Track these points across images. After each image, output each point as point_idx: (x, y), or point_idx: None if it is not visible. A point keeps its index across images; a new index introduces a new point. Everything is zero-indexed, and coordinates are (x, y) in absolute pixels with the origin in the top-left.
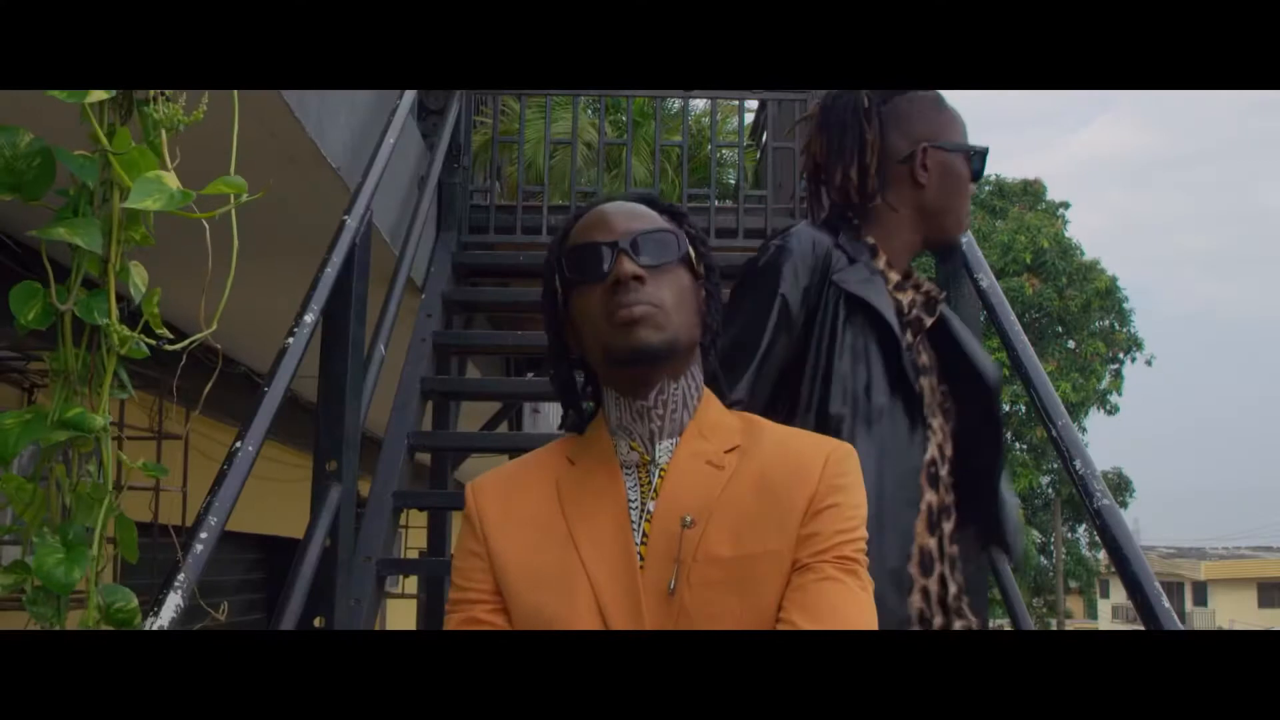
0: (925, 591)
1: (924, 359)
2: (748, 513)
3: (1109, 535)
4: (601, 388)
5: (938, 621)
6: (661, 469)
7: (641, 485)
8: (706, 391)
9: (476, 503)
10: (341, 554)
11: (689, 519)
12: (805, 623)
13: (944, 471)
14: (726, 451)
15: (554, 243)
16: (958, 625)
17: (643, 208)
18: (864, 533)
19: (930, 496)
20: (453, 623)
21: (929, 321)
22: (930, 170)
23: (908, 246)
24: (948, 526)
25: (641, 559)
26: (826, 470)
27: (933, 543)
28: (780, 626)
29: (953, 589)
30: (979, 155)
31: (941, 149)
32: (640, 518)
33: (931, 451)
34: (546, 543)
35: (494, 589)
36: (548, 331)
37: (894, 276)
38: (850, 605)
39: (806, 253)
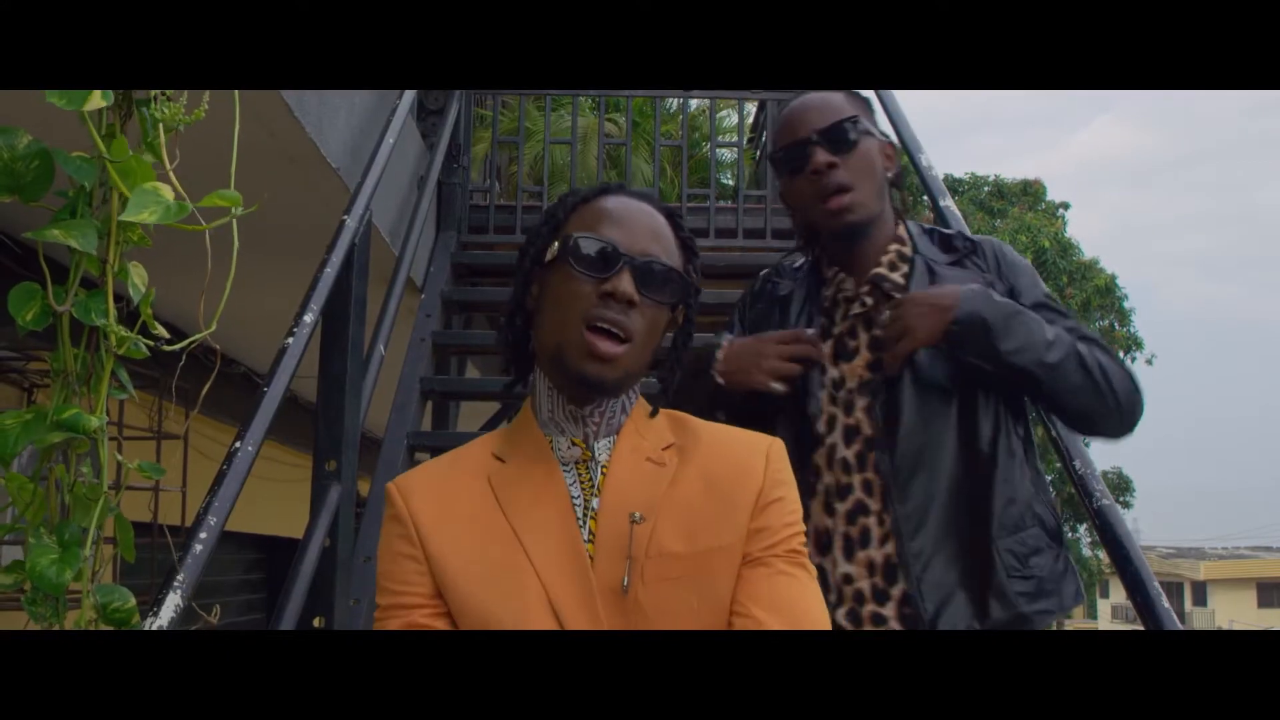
0: (820, 570)
1: (855, 343)
2: (698, 510)
3: (1109, 535)
4: (537, 369)
5: (829, 599)
6: (603, 466)
7: (582, 482)
8: (640, 396)
9: (408, 504)
10: (341, 554)
11: (638, 515)
12: (769, 617)
13: (849, 454)
14: (664, 449)
15: (567, 204)
16: (865, 610)
17: (665, 228)
18: (802, 524)
19: (828, 478)
20: (389, 629)
21: (870, 303)
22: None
23: (826, 250)
24: (841, 506)
25: (590, 557)
26: (770, 466)
27: (829, 523)
28: (743, 622)
29: (845, 569)
30: (779, 157)
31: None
32: (585, 515)
33: (834, 436)
34: (489, 542)
35: (433, 592)
36: (516, 284)
37: (827, 274)
38: (807, 598)
39: (752, 286)
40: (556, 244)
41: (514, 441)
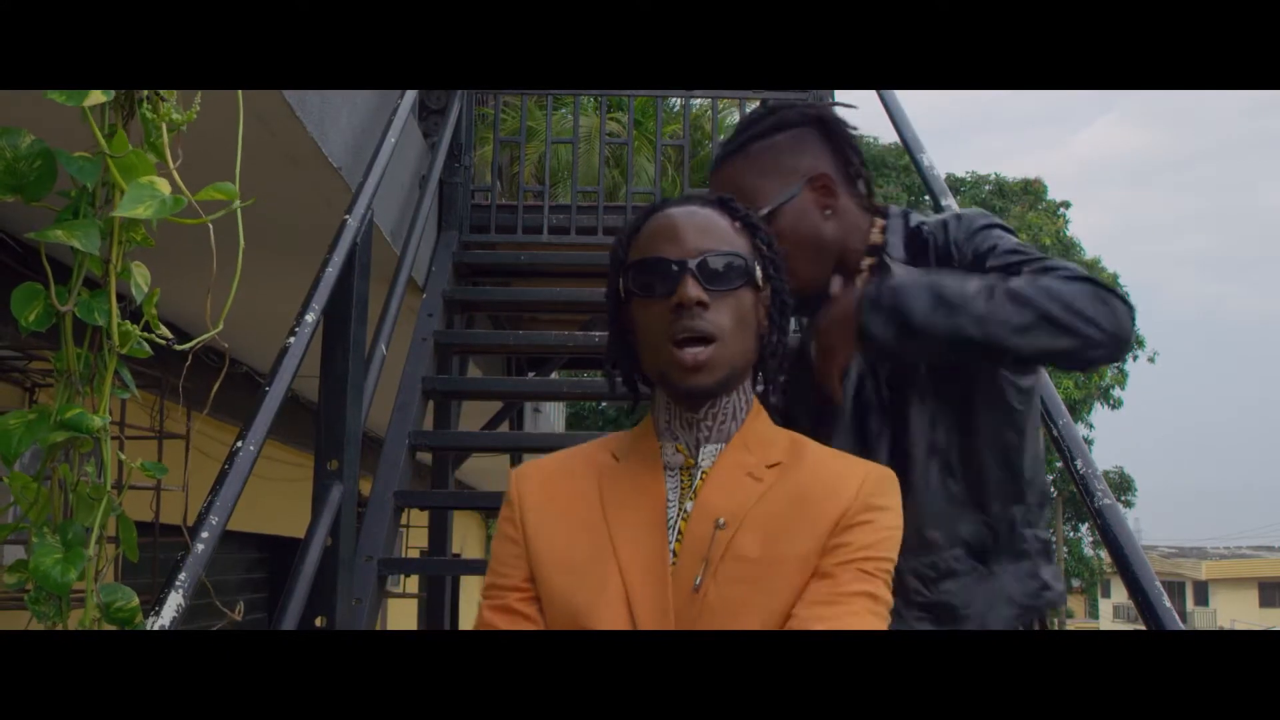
0: None
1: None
2: (779, 519)
3: (1110, 535)
4: (654, 385)
5: None
6: (704, 472)
7: (682, 486)
8: (756, 403)
9: (518, 488)
10: (343, 553)
11: (722, 521)
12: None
13: None
14: (769, 466)
15: (621, 241)
16: None
17: (716, 218)
18: (892, 555)
19: None
20: (485, 609)
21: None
22: None
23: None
24: None
25: (675, 556)
26: (863, 489)
27: None
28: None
29: None
30: None
31: None
32: (677, 516)
33: None
34: (582, 531)
35: (527, 576)
36: (610, 326)
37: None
38: (852, 624)
39: None
40: (622, 281)
41: (632, 444)
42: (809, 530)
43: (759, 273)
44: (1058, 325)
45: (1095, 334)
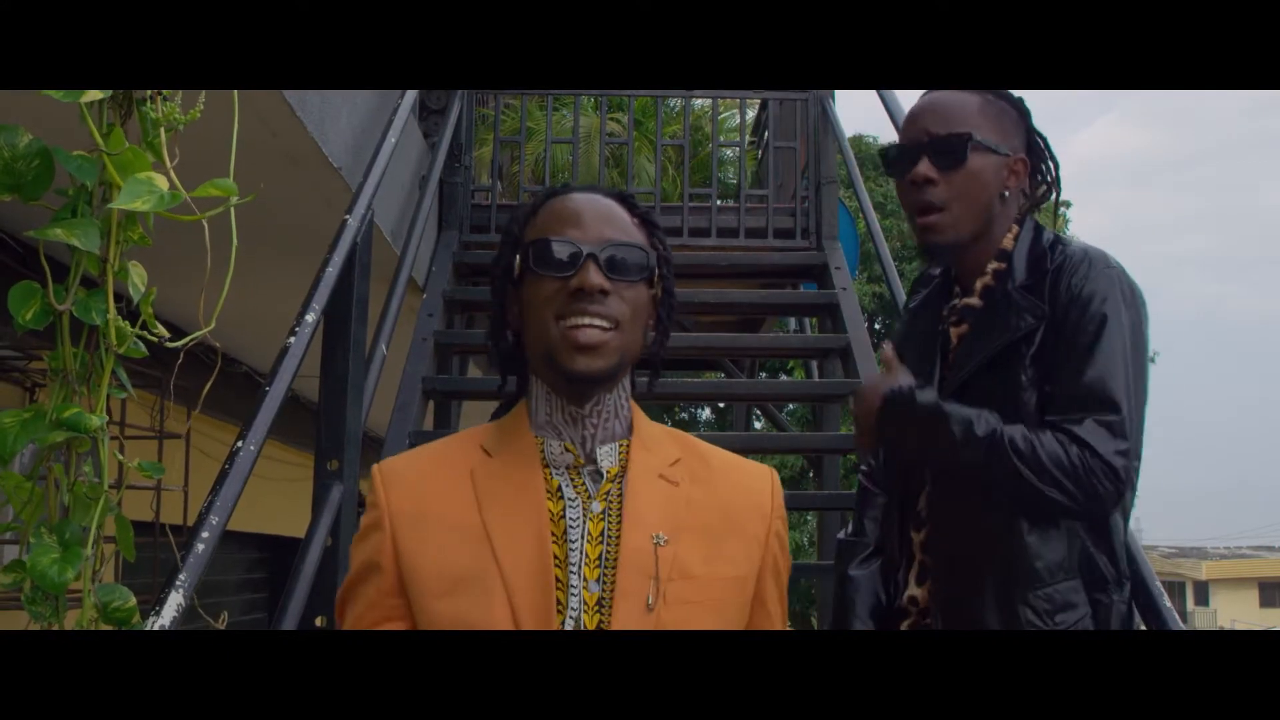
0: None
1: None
2: (712, 532)
3: None
4: (530, 375)
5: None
6: (608, 472)
7: (576, 486)
8: (631, 402)
9: (387, 494)
10: (343, 553)
11: (663, 538)
12: None
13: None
14: (671, 464)
15: (520, 217)
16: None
17: (618, 210)
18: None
19: (921, 501)
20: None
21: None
22: None
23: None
24: (916, 537)
25: (588, 560)
26: (775, 501)
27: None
28: None
29: (913, 592)
30: (892, 154)
31: None
32: (582, 518)
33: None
34: (461, 543)
35: (396, 606)
36: (493, 301)
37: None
38: None
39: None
40: (518, 257)
41: (504, 439)
42: (741, 549)
43: (656, 272)
44: (1041, 486)
45: (1065, 500)
